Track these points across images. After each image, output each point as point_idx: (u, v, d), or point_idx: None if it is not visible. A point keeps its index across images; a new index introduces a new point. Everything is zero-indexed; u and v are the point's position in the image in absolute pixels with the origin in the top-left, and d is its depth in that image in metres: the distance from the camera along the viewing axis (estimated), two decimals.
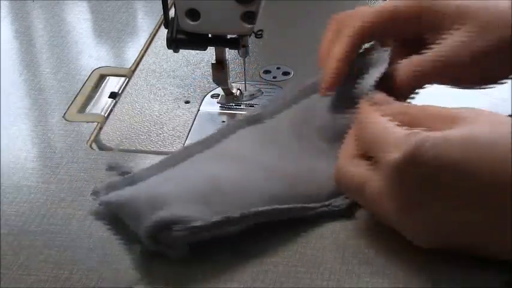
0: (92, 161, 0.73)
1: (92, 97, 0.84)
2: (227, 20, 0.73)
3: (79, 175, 0.72)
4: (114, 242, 0.64)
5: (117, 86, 0.86)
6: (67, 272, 0.61)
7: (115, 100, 0.83)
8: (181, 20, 0.74)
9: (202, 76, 0.86)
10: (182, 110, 0.81)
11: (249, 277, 0.60)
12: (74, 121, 0.79)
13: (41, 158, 0.75)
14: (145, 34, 0.94)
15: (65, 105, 0.82)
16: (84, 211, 0.67)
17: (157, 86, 0.84)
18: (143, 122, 0.79)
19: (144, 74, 0.87)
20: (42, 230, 0.66)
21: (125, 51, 0.91)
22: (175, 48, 0.76)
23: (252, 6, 0.72)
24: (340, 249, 0.62)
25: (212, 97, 0.83)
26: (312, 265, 0.61)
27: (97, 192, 0.66)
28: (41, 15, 0.99)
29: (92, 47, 0.93)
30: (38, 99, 0.83)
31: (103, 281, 0.61)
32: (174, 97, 0.83)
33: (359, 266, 0.61)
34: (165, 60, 0.88)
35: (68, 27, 0.96)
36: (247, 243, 0.63)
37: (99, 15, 0.98)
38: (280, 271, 0.61)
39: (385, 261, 0.61)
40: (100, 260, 0.62)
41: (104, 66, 0.88)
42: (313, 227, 0.65)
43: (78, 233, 0.65)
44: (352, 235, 0.64)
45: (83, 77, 0.86)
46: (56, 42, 0.92)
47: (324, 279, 0.60)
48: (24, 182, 0.71)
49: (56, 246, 0.64)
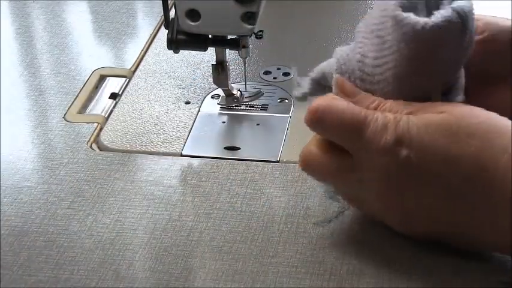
0: (92, 161, 0.74)
1: (92, 98, 0.84)
2: (227, 20, 0.73)
3: (79, 176, 0.72)
4: (114, 242, 0.64)
5: (118, 87, 0.86)
6: (67, 273, 0.62)
7: (115, 101, 0.83)
8: (182, 20, 0.74)
9: (202, 77, 0.86)
10: (182, 110, 0.81)
11: (249, 277, 0.61)
12: (74, 122, 0.80)
13: (41, 159, 0.75)
14: (145, 35, 0.94)
15: (65, 106, 0.82)
16: (84, 211, 0.67)
17: (158, 86, 0.85)
18: (143, 122, 0.79)
19: (145, 74, 0.87)
20: (43, 230, 0.66)
21: (125, 52, 0.91)
22: (175, 49, 0.76)
23: (252, 6, 0.72)
24: (340, 250, 0.63)
25: (212, 98, 0.83)
26: (312, 265, 0.61)
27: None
28: (41, 16, 0.99)
29: (92, 48, 0.93)
30: (38, 99, 0.83)
31: (103, 281, 0.61)
32: (174, 98, 0.83)
33: (359, 266, 0.61)
34: (165, 61, 0.88)
35: (68, 27, 0.96)
36: (247, 243, 0.63)
37: (100, 15, 0.98)
38: (281, 271, 0.61)
39: (385, 261, 0.61)
40: (100, 260, 0.63)
41: (104, 66, 0.88)
42: (313, 227, 0.65)
43: (78, 234, 0.65)
44: (352, 235, 0.64)
45: (83, 78, 0.86)
46: (56, 43, 0.92)
47: (324, 279, 0.60)
48: (24, 182, 0.71)
49: (57, 247, 0.64)
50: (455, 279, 0.59)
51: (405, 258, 0.61)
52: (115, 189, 0.70)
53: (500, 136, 0.56)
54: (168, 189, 0.70)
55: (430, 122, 0.57)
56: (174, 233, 0.65)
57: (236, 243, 0.64)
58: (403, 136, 0.57)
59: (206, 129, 0.78)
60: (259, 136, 0.78)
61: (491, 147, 0.56)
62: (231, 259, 0.62)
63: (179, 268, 0.62)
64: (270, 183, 0.70)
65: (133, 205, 0.68)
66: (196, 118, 0.80)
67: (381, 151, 0.58)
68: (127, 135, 0.78)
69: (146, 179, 0.71)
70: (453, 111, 0.58)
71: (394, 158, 0.57)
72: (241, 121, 0.80)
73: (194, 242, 0.64)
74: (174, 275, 0.61)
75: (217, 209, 0.67)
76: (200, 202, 0.68)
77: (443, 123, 0.57)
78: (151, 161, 0.74)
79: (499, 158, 0.55)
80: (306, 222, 0.65)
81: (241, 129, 0.79)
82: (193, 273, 0.61)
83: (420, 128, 0.57)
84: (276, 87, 0.84)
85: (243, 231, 0.65)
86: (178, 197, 0.69)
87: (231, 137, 0.78)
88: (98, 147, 0.76)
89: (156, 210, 0.68)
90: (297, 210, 0.67)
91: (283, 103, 0.81)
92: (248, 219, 0.66)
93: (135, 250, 0.64)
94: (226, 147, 0.76)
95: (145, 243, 0.64)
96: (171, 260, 0.62)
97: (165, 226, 0.66)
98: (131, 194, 0.69)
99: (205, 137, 0.78)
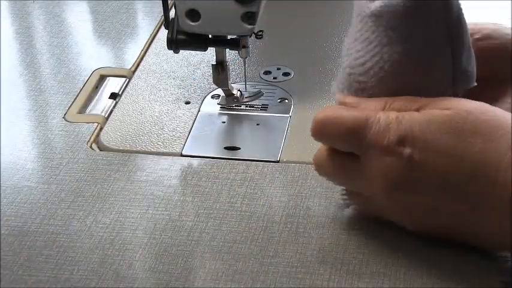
0: (92, 161, 0.74)
1: (92, 98, 0.84)
2: (227, 20, 0.73)
3: (79, 176, 0.72)
4: (114, 242, 0.64)
5: (118, 87, 0.86)
6: (67, 273, 0.62)
7: (115, 101, 0.83)
8: (182, 20, 0.74)
9: (202, 77, 0.86)
10: (182, 110, 0.81)
11: (249, 277, 0.61)
12: (74, 122, 0.80)
13: (41, 159, 0.75)
14: (145, 35, 0.94)
15: (65, 106, 0.82)
16: (84, 211, 0.67)
17: (158, 86, 0.85)
18: (143, 122, 0.79)
19: (145, 74, 0.87)
20: (43, 230, 0.66)
21: (125, 51, 0.91)
22: (175, 49, 0.76)
23: (252, 6, 0.72)
24: (340, 250, 0.63)
25: (212, 98, 0.83)
26: (312, 265, 0.61)
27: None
28: (41, 16, 0.99)
29: (92, 48, 0.93)
30: (38, 99, 0.83)
31: (103, 281, 0.61)
32: (174, 98, 0.83)
33: (359, 266, 0.61)
34: (165, 60, 0.88)
35: (68, 27, 0.96)
36: (247, 243, 0.63)
37: (99, 15, 0.98)
38: (281, 271, 0.61)
39: (385, 261, 0.61)
40: (100, 260, 0.63)
41: (104, 66, 0.88)
42: (313, 227, 0.65)
43: (78, 234, 0.65)
44: (352, 235, 0.64)
45: (83, 78, 0.86)
46: (56, 43, 0.92)
47: (324, 279, 0.60)
48: (24, 182, 0.71)
49: (57, 247, 0.64)
50: (456, 279, 0.59)
51: (405, 258, 0.61)
52: (115, 189, 0.70)
53: (506, 134, 0.56)
54: (168, 189, 0.70)
55: (434, 120, 0.57)
56: (174, 233, 0.65)
57: (236, 243, 0.64)
58: (405, 135, 0.57)
59: (206, 129, 0.78)
60: (259, 136, 0.78)
61: (496, 146, 0.56)
62: (231, 259, 0.62)
63: (179, 268, 0.62)
64: (270, 183, 0.70)
65: (133, 205, 0.68)
66: (196, 118, 0.80)
67: (385, 151, 0.58)
68: (127, 135, 0.78)
69: (146, 179, 0.71)
70: (459, 107, 0.58)
71: (397, 157, 0.57)
72: (241, 121, 0.80)
73: (194, 242, 0.64)
74: (174, 275, 0.61)
75: (217, 209, 0.67)
76: (200, 202, 0.68)
77: (447, 121, 0.57)
78: (151, 161, 0.74)
79: (502, 159, 0.55)
80: (306, 222, 0.65)
81: (241, 129, 0.79)
82: (193, 273, 0.61)
83: (423, 126, 0.57)
84: (276, 87, 0.84)
85: (243, 231, 0.65)
86: (178, 197, 0.69)
87: (231, 137, 0.78)
88: (98, 147, 0.76)
89: (156, 210, 0.68)
90: (297, 210, 0.67)
91: (283, 103, 0.81)
92: (248, 219, 0.66)
93: (135, 250, 0.64)
94: (226, 147, 0.76)
95: (145, 243, 0.64)
96: (171, 260, 0.62)
97: (165, 226, 0.66)
98: (131, 194, 0.69)
99: (205, 137, 0.78)
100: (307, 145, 0.75)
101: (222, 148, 0.76)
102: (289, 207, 0.67)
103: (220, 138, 0.78)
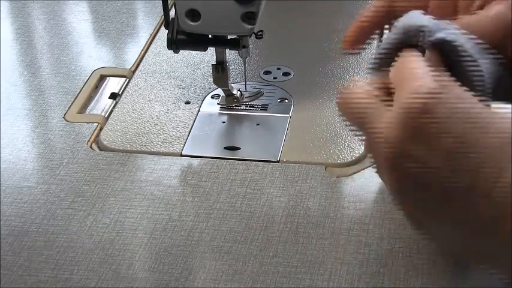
0: (92, 161, 0.74)
1: (92, 98, 0.84)
2: (227, 20, 0.73)
3: (79, 175, 0.72)
4: (114, 242, 0.64)
5: (118, 87, 0.86)
6: (67, 273, 0.62)
7: (115, 101, 0.83)
8: (182, 20, 0.74)
9: (202, 77, 0.86)
10: (182, 110, 0.81)
11: (249, 277, 0.61)
12: (74, 122, 0.80)
13: (41, 159, 0.75)
14: (145, 35, 0.94)
15: (65, 106, 0.82)
16: (84, 211, 0.67)
17: (158, 86, 0.85)
18: (143, 122, 0.79)
19: (145, 74, 0.87)
20: (43, 230, 0.66)
21: (125, 51, 0.91)
22: (175, 49, 0.76)
23: (252, 6, 0.72)
24: (340, 250, 0.63)
25: (212, 98, 0.83)
26: (312, 266, 0.61)
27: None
28: (41, 16, 0.99)
29: (92, 48, 0.93)
30: (38, 99, 0.83)
31: (103, 281, 0.61)
32: (174, 98, 0.83)
33: (359, 266, 0.61)
34: (165, 60, 0.88)
35: (68, 27, 0.96)
36: (247, 243, 0.63)
37: (99, 15, 0.98)
38: (281, 271, 0.61)
39: (385, 261, 0.61)
40: (100, 260, 0.63)
41: (104, 66, 0.88)
42: (313, 227, 0.65)
43: (78, 234, 0.65)
44: (352, 236, 0.64)
45: (83, 78, 0.86)
46: (56, 43, 0.92)
47: (324, 279, 0.60)
48: (24, 182, 0.71)
49: (57, 247, 0.64)
50: (455, 279, 0.59)
51: (405, 258, 0.61)
52: (115, 189, 0.70)
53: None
54: (168, 189, 0.70)
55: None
56: (174, 233, 0.65)
57: (236, 243, 0.64)
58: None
59: (206, 129, 0.78)
60: (259, 136, 0.78)
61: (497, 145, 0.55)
62: (231, 259, 0.62)
63: (179, 268, 0.62)
64: (270, 183, 0.70)
65: (133, 205, 0.68)
66: (196, 118, 0.80)
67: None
68: (127, 135, 0.78)
69: (146, 179, 0.71)
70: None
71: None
72: (241, 121, 0.80)
73: (194, 242, 0.64)
74: (174, 275, 0.61)
75: (217, 209, 0.67)
76: (200, 202, 0.68)
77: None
78: (151, 161, 0.74)
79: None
80: (306, 222, 0.65)
81: (241, 129, 0.79)
82: (193, 273, 0.61)
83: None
84: (276, 87, 0.84)
85: (243, 231, 0.65)
86: (178, 197, 0.69)
87: (231, 137, 0.78)
88: (97, 147, 0.76)
89: (156, 210, 0.68)
90: (297, 210, 0.67)
91: (283, 103, 0.81)
92: (248, 219, 0.66)
93: (135, 250, 0.64)
94: (226, 147, 0.76)
95: (145, 243, 0.64)
96: (171, 260, 0.62)
97: (165, 226, 0.66)
98: (131, 194, 0.70)
99: (205, 137, 0.78)
100: (307, 145, 0.75)
101: (222, 148, 0.76)
102: (289, 207, 0.67)
103: (220, 138, 0.78)
